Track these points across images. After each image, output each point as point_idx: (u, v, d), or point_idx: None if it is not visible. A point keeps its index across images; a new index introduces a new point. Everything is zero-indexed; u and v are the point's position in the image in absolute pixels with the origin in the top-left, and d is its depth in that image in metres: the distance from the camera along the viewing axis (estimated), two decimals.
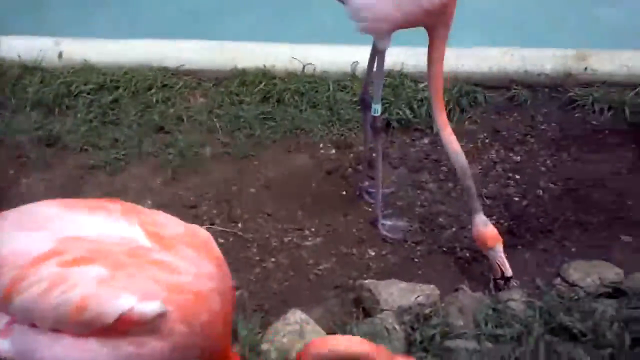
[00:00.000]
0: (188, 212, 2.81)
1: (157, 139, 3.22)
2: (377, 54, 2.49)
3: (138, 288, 1.32)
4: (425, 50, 2.44)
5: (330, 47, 3.69)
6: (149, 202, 2.83)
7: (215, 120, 3.30)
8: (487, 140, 3.27)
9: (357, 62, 3.46)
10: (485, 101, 3.49)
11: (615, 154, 3.15)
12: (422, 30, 2.38)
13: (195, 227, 1.54)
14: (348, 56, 3.52)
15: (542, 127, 3.34)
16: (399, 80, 3.45)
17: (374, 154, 2.80)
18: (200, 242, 1.49)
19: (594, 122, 3.32)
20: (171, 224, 1.49)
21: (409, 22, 2.32)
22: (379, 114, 2.57)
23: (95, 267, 1.33)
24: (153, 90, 3.43)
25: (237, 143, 3.19)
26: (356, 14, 2.31)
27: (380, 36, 2.38)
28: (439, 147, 3.00)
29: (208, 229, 1.61)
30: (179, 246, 1.42)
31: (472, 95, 3.48)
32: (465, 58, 3.57)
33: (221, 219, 2.82)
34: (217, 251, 1.52)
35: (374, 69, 2.58)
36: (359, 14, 2.30)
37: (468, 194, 2.53)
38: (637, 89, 3.42)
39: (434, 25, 2.32)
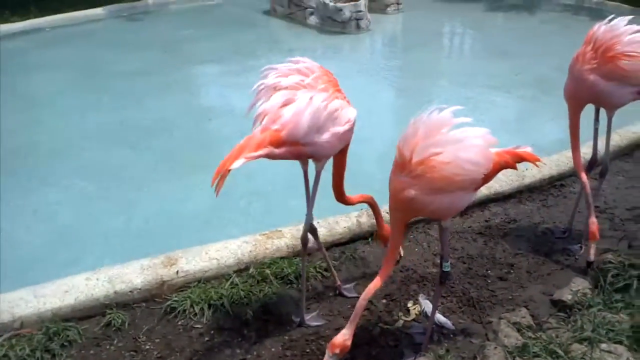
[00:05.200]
0: None
1: None
2: None
3: None
4: None
5: None
6: None
7: None
8: None
9: None
10: (80, 336, 3.08)
11: (223, 354, 3.01)
12: None
13: None
14: None
15: (147, 346, 3.06)
16: None
17: None
18: None
19: (198, 326, 3.18)
20: None
21: None
22: None
23: None
24: None
25: None
26: None
27: None
28: None
29: None
30: None
31: (63, 335, 3.05)
32: (47, 296, 3.16)
33: None
34: None
35: None
36: None
37: None
38: (231, 279, 3.46)
39: None
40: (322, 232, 3.87)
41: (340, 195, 3.26)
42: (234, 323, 3.21)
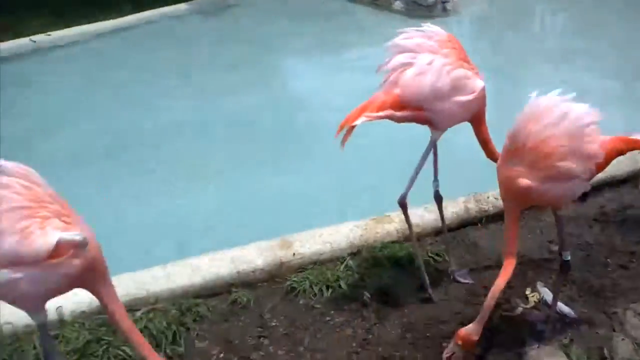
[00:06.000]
0: None
1: None
2: None
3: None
4: None
5: None
6: None
7: None
8: (222, 355, 3.00)
9: None
10: (209, 312, 3.26)
11: (345, 333, 3.10)
12: None
13: None
14: None
15: (273, 323, 3.19)
16: None
17: None
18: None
19: (318, 306, 3.29)
20: None
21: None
22: None
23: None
24: None
25: None
26: None
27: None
28: None
29: None
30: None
31: (194, 310, 3.24)
32: (176, 275, 3.35)
33: None
34: None
35: None
36: None
37: None
38: (345, 262, 3.54)
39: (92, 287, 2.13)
40: (430, 217, 3.89)
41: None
42: (352, 304, 3.29)
